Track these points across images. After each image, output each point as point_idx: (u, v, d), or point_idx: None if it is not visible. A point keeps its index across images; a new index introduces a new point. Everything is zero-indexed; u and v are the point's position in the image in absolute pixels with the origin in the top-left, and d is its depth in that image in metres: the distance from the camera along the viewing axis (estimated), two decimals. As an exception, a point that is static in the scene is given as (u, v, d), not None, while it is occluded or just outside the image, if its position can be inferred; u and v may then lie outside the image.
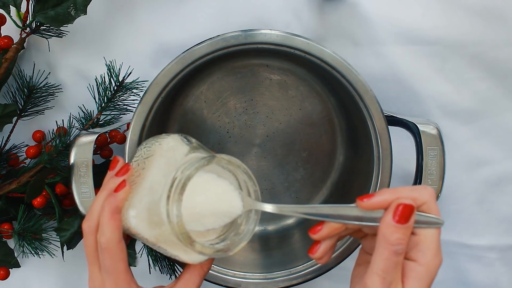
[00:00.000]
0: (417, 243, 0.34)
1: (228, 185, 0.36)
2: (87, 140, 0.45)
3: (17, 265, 0.56)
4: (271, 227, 0.57)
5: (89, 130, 0.49)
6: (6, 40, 0.51)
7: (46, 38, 0.52)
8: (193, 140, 0.38)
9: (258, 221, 0.36)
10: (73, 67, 0.55)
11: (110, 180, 0.37)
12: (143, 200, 0.35)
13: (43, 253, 0.53)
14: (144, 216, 0.35)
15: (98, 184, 0.53)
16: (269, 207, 0.36)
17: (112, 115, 0.54)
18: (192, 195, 0.34)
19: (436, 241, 0.34)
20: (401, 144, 0.50)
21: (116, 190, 0.35)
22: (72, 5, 0.49)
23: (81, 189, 0.45)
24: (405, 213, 0.33)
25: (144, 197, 0.35)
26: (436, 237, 0.34)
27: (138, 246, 0.58)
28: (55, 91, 0.55)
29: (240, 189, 0.36)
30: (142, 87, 0.52)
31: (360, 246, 0.40)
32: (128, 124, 0.49)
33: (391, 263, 0.33)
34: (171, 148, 0.37)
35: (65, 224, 0.51)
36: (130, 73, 0.52)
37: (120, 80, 0.51)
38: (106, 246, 0.35)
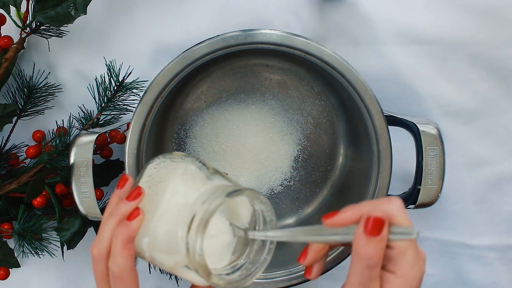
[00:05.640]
0: (393, 256, 0.33)
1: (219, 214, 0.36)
2: (87, 140, 0.45)
3: (17, 265, 0.56)
4: (271, 227, 0.57)
5: (89, 130, 0.49)
6: (6, 40, 0.51)
7: (46, 38, 0.52)
8: (209, 164, 0.37)
9: (273, 249, 0.36)
10: (73, 67, 0.55)
11: (121, 204, 0.35)
12: (158, 228, 0.34)
13: (43, 253, 0.53)
14: (159, 244, 0.34)
15: (98, 184, 0.53)
16: (253, 234, 0.36)
17: (112, 115, 0.54)
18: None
19: (412, 252, 0.32)
20: (401, 144, 0.50)
21: (130, 218, 0.34)
22: (72, 5, 0.49)
23: (81, 189, 0.45)
24: (376, 225, 0.31)
25: (159, 225, 0.34)
26: (411, 248, 0.32)
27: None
28: (55, 91, 0.55)
29: (255, 220, 0.36)
30: (142, 87, 0.52)
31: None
32: (128, 124, 0.49)
33: (365, 276, 0.32)
34: (188, 174, 0.35)
35: (65, 224, 0.51)
36: (130, 73, 0.52)
37: (120, 80, 0.51)
38: (119, 276, 0.34)
